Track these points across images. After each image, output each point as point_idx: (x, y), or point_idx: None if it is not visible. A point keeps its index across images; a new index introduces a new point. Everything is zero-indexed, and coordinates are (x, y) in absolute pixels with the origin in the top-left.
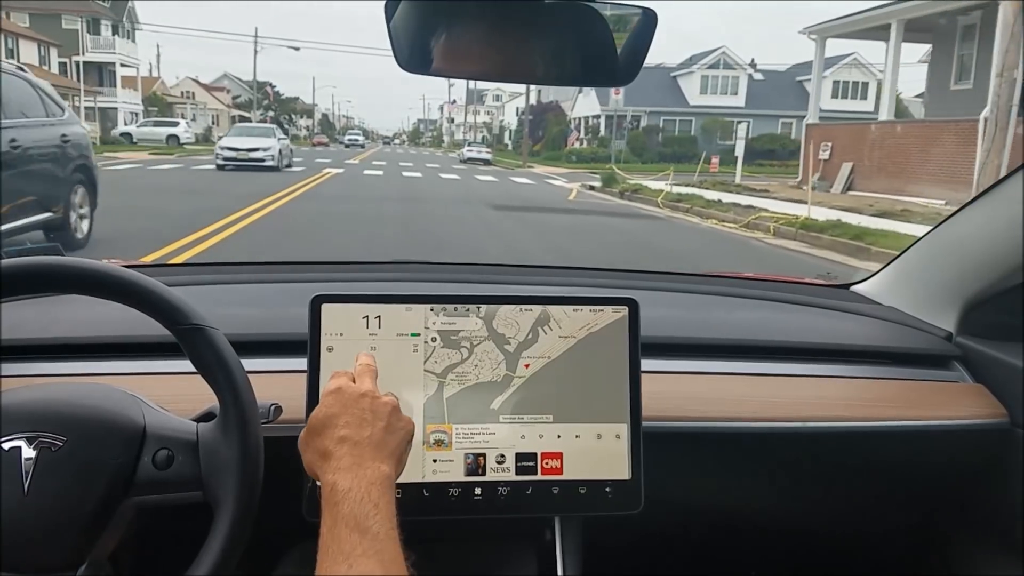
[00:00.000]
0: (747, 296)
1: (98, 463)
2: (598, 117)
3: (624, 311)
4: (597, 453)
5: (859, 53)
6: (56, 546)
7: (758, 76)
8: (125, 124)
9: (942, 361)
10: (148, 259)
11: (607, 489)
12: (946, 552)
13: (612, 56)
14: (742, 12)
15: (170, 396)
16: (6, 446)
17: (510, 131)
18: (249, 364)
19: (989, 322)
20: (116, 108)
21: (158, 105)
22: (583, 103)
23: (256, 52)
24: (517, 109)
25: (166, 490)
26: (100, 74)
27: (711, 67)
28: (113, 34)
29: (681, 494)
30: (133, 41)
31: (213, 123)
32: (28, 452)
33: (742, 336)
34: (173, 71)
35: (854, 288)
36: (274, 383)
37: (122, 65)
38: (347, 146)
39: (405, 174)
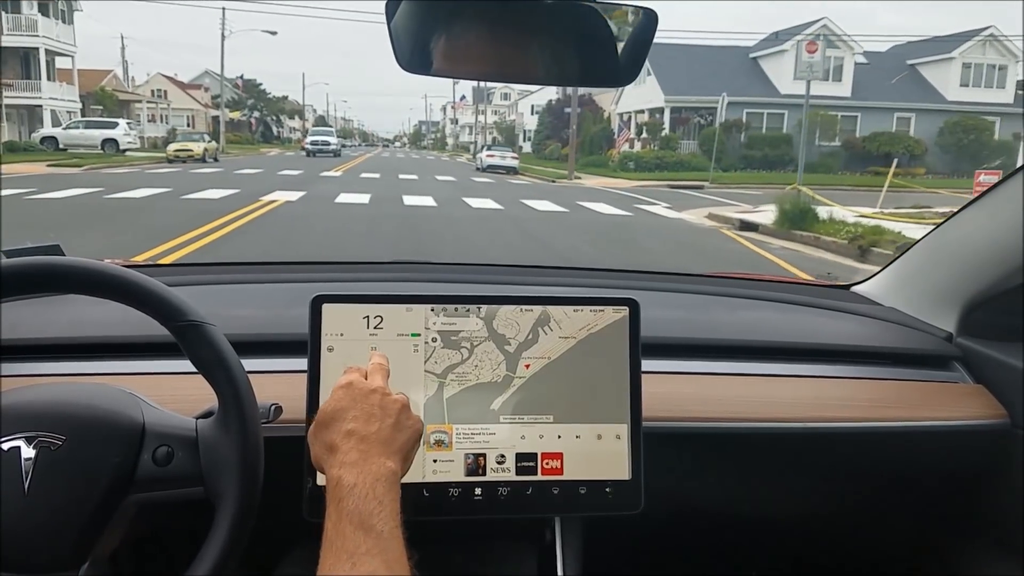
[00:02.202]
0: (748, 296)
1: (98, 461)
2: (659, 111)
3: (624, 311)
4: (597, 453)
5: (996, 26)
6: (58, 545)
7: (859, 58)
8: (54, 126)
9: (942, 362)
10: None
11: (607, 489)
12: (946, 552)
13: (613, 56)
14: None
15: (170, 396)
16: (5, 446)
17: (525, 132)
18: (249, 364)
19: (989, 323)
20: (41, 106)
21: (106, 103)
22: (634, 94)
23: (224, 36)
24: (532, 107)
25: (167, 486)
26: (26, 64)
27: None
28: (41, 14)
29: (681, 494)
30: (68, 23)
31: (188, 124)
32: (27, 452)
33: (743, 336)
34: (147, 69)
35: (855, 289)
36: (274, 383)
37: (57, 54)
38: (311, 153)
39: (410, 201)
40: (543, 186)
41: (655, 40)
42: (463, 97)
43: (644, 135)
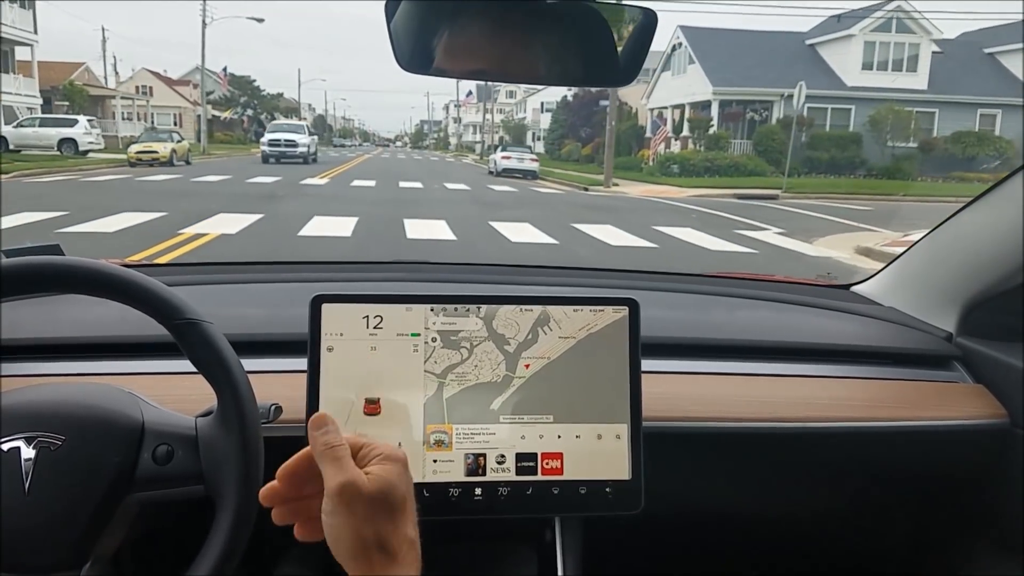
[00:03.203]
0: (747, 296)
1: (98, 461)
2: (705, 105)
3: (624, 311)
4: (597, 453)
5: None
6: (59, 545)
7: (933, 47)
8: (7, 123)
9: (942, 361)
10: None
11: (607, 489)
12: (946, 552)
13: (613, 55)
14: None
15: (169, 396)
16: (5, 447)
17: (534, 132)
18: (249, 364)
19: (989, 322)
20: None
21: (75, 99)
22: (670, 86)
23: (205, 23)
24: (542, 104)
25: (167, 485)
26: None
27: (879, 28)
28: None
29: (681, 494)
30: (26, 8)
31: (176, 123)
32: (27, 452)
33: (742, 336)
34: (138, 65)
35: (854, 288)
36: (274, 383)
37: (15, 43)
38: (269, 158)
39: (415, 231)
40: (580, 197)
41: (696, 25)
42: (469, 93)
43: (684, 133)
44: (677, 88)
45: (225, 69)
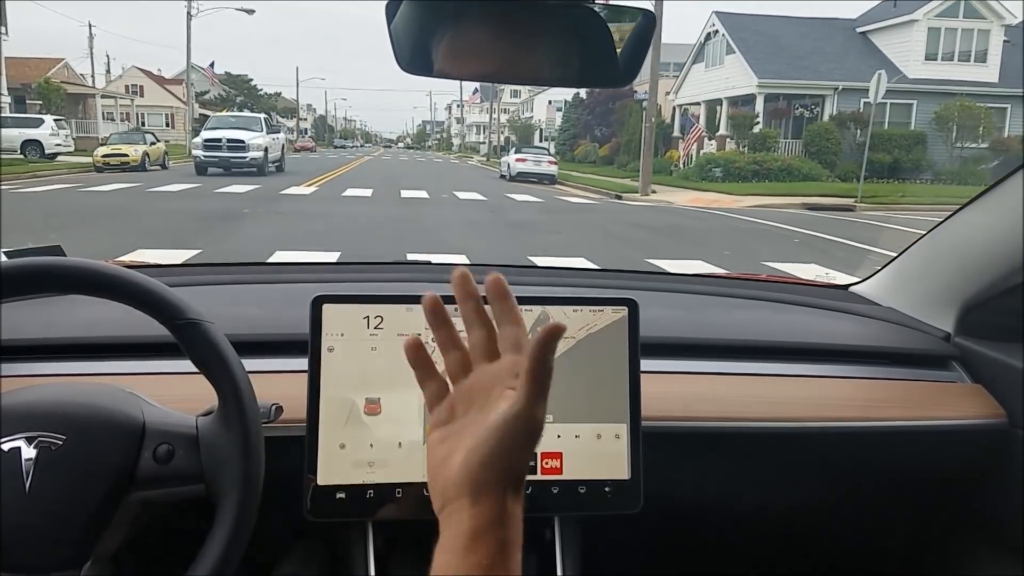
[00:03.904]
0: (746, 296)
1: (99, 460)
2: (747, 100)
3: (624, 311)
4: (597, 453)
5: None
6: (59, 545)
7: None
8: None
9: (941, 362)
10: None
11: (606, 489)
12: (946, 552)
13: (612, 57)
14: None
15: (170, 396)
16: (6, 447)
17: (541, 131)
18: (250, 364)
19: (988, 323)
20: None
21: (51, 97)
22: (701, 79)
23: (190, 15)
24: (550, 102)
25: (168, 484)
26: None
27: (944, 13)
28: None
29: (680, 494)
30: None
31: (167, 123)
32: (28, 452)
33: (741, 336)
34: (133, 64)
35: (853, 289)
36: (275, 383)
37: None
38: (203, 168)
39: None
40: (620, 209)
41: (732, 11)
42: (475, 91)
43: (721, 132)
44: (711, 82)
45: (212, 65)
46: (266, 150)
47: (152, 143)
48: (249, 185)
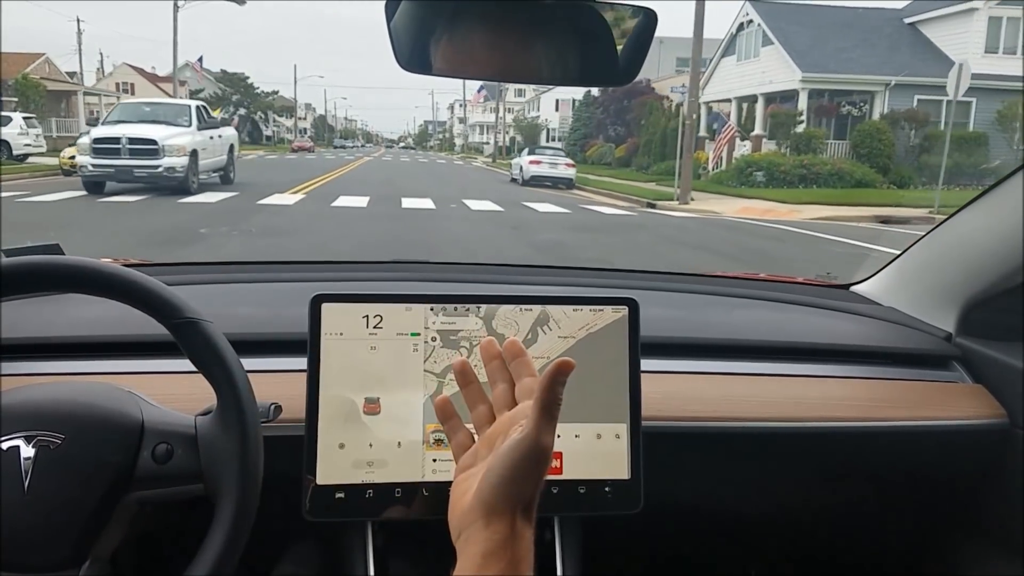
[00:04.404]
0: (747, 296)
1: (97, 460)
2: (788, 96)
3: (624, 311)
4: (597, 453)
5: None
6: (58, 544)
7: None
8: None
9: (942, 361)
10: None
11: (606, 489)
12: (946, 552)
13: (613, 56)
14: None
15: (169, 395)
16: (5, 445)
17: (548, 131)
18: (249, 363)
19: (989, 322)
20: None
21: (29, 94)
22: (733, 74)
23: (177, 5)
24: (557, 102)
25: (167, 484)
26: None
27: (1007, 0)
28: None
29: (680, 494)
30: None
31: None
32: (27, 451)
33: (742, 336)
34: (128, 62)
35: (854, 288)
36: (274, 382)
37: None
38: (95, 180)
39: None
40: (662, 223)
41: None
42: (481, 89)
43: (757, 131)
44: (744, 76)
45: (201, 60)
46: (194, 154)
47: None
48: (223, 193)
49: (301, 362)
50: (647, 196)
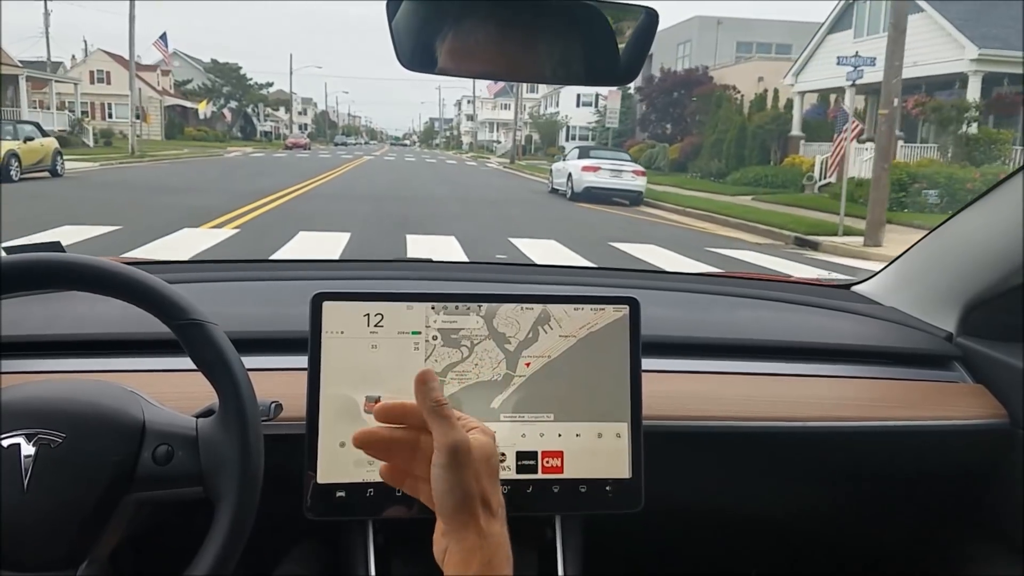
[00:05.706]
0: (748, 296)
1: (98, 459)
2: (946, 83)
3: (625, 310)
4: (598, 452)
5: None
6: (57, 543)
7: None
8: None
9: (942, 361)
10: None
11: (607, 488)
12: (946, 552)
13: (614, 55)
14: None
15: (170, 394)
16: (5, 443)
17: (568, 128)
18: (250, 361)
19: (990, 322)
20: None
21: None
22: (848, 52)
23: None
24: (579, 97)
25: (166, 485)
26: None
27: None
28: None
29: (682, 493)
30: None
31: (138, 117)
32: (27, 449)
33: (743, 336)
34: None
35: (855, 288)
36: (275, 381)
37: None
38: None
39: None
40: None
41: None
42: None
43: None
44: (861, 58)
45: (164, 37)
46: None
47: (27, 139)
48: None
49: (302, 360)
50: (791, 226)
